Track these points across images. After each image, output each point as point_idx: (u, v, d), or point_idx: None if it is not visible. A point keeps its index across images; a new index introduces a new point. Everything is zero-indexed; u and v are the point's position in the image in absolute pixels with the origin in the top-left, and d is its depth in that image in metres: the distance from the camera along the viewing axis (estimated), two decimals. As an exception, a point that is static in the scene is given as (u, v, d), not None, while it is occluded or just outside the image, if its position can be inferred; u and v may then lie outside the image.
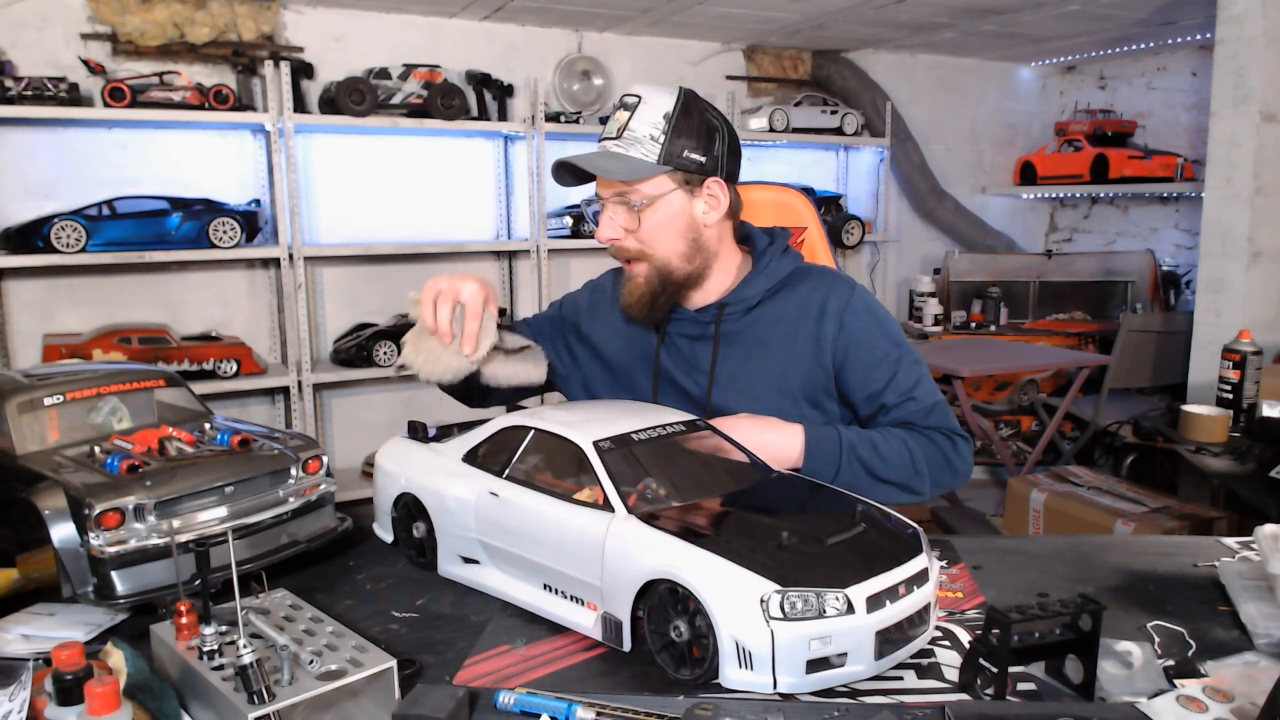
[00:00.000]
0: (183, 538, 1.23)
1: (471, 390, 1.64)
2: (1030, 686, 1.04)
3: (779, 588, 0.99)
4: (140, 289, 3.76)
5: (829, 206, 4.88)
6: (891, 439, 1.50)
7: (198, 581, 1.03)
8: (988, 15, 4.32)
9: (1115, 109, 5.50)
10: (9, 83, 3.20)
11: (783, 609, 0.98)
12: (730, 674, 1.00)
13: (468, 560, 1.32)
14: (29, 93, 3.22)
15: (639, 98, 1.49)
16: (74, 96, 3.30)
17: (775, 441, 1.45)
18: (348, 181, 4.10)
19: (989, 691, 1.00)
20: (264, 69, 3.67)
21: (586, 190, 1.60)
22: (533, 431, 1.29)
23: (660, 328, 1.63)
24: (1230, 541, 1.52)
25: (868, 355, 1.55)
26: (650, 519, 1.11)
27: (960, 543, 1.50)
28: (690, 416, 1.35)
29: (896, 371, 1.55)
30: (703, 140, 1.49)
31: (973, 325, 5.08)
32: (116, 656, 0.99)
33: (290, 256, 3.72)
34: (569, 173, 1.53)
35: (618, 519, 1.12)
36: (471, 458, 1.35)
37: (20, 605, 1.26)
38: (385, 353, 3.86)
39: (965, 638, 1.15)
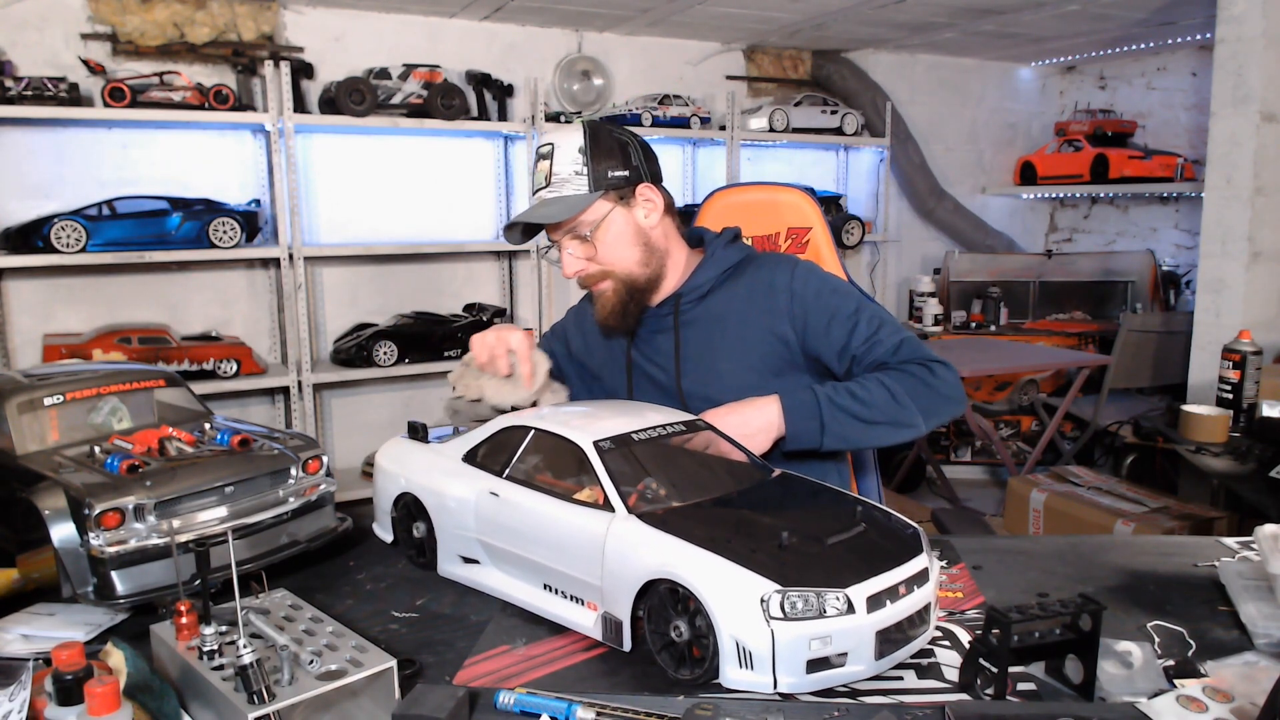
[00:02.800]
0: (183, 538, 1.23)
1: None
2: (1030, 686, 1.04)
3: (779, 587, 0.99)
4: (140, 289, 3.76)
5: (829, 206, 4.87)
6: (867, 381, 1.55)
7: (198, 581, 1.03)
8: (988, 15, 4.32)
9: (1115, 109, 5.49)
10: (9, 83, 3.20)
11: (783, 609, 0.98)
12: (730, 674, 1.00)
13: (468, 560, 1.32)
14: (29, 93, 3.22)
15: (552, 145, 1.61)
16: (74, 96, 3.29)
17: (752, 416, 1.51)
18: (348, 181, 4.10)
19: (989, 691, 1.00)
20: (264, 69, 3.67)
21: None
22: (533, 431, 1.29)
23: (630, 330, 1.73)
24: (1230, 541, 1.52)
25: (825, 316, 1.62)
26: (650, 519, 1.11)
27: (960, 543, 1.50)
28: (690, 416, 1.36)
29: (857, 323, 1.61)
30: (619, 157, 1.60)
31: (973, 325, 5.08)
32: (116, 656, 0.99)
33: (290, 256, 3.72)
34: (519, 231, 1.66)
35: (618, 519, 1.12)
36: (471, 457, 1.35)
37: (20, 605, 1.26)
38: (385, 353, 3.85)
39: (965, 638, 1.15)
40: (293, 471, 1.39)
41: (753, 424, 1.49)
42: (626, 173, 1.60)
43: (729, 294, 1.67)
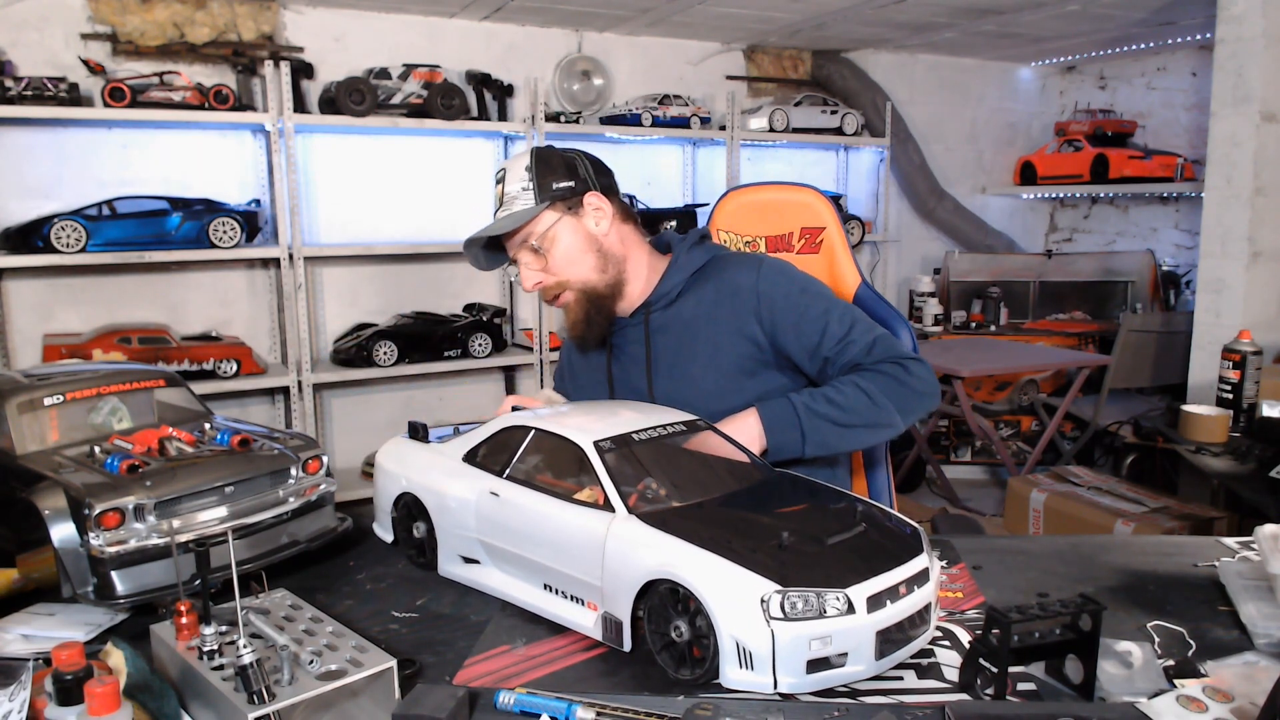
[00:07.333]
0: (183, 538, 1.23)
1: None
2: (1030, 686, 1.04)
3: (779, 588, 0.99)
4: (140, 289, 3.76)
5: (829, 206, 4.88)
6: (842, 385, 1.56)
7: (198, 581, 1.03)
8: (988, 15, 4.32)
9: (1115, 109, 5.49)
10: (9, 83, 3.20)
11: (783, 609, 0.98)
12: (730, 674, 1.00)
13: (468, 560, 1.32)
14: (29, 93, 3.22)
15: (504, 170, 1.65)
16: (74, 96, 3.29)
17: (733, 433, 1.48)
18: (348, 181, 4.10)
19: (989, 691, 1.00)
20: (264, 69, 3.67)
21: None
22: (533, 431, 1.29)
23: (606, 342, 1.73)
24: (1230, 541, 1.52)
25: (794, 316, 1.61)
26: (650, 519, 1.11)
27: (960, 543, 1.50)
28: (690, 416, 1.36)
29: (828, 323, 1.60)
30: (565, 171, 1.63)
31: (973, 325, 5.08)
32: (116, 656, 0.99)
33: (290, 256, 3.72)
34: (479, 252, 1.68)
35: (618, 519, 1.12)
36: (472, 458, 1.35)
37: (20, 605, 1.26)
38: (385, 353, 3.85)
39: (965, 638, 1.15)
40: (293, 471, 1.39)
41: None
42: (572, 183, 1.62)
43: (697, 297, 1.67)
